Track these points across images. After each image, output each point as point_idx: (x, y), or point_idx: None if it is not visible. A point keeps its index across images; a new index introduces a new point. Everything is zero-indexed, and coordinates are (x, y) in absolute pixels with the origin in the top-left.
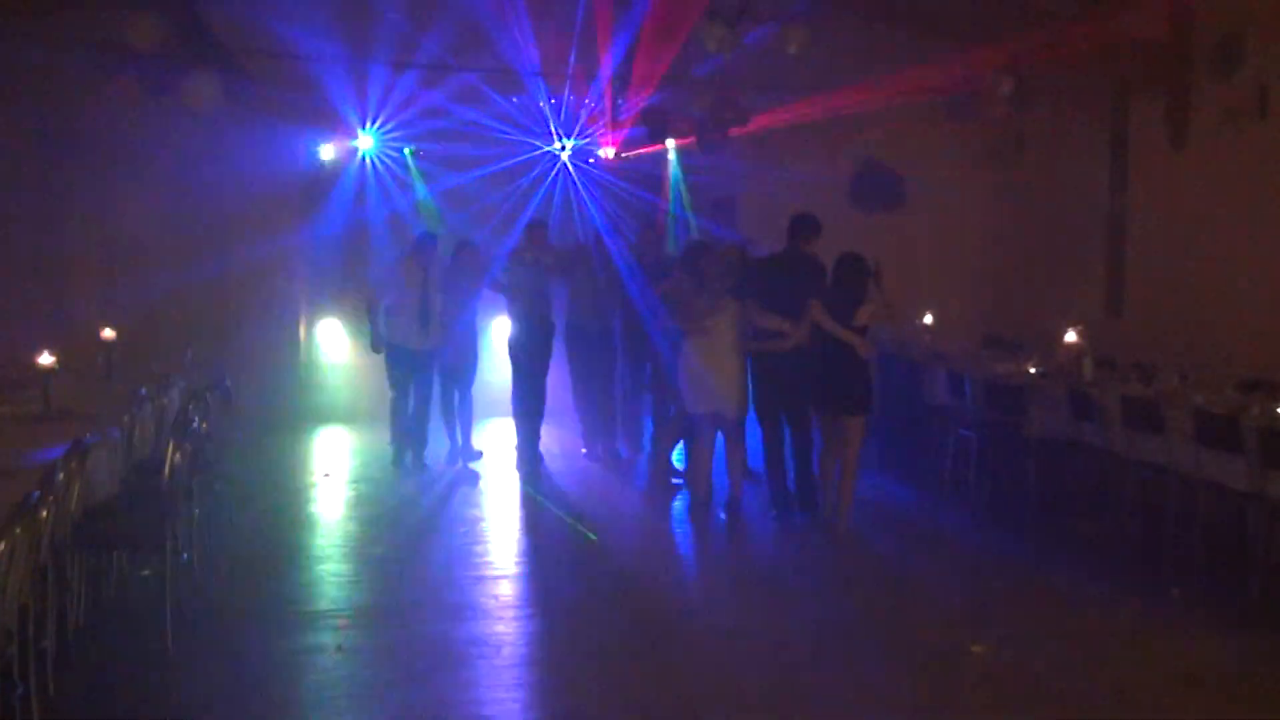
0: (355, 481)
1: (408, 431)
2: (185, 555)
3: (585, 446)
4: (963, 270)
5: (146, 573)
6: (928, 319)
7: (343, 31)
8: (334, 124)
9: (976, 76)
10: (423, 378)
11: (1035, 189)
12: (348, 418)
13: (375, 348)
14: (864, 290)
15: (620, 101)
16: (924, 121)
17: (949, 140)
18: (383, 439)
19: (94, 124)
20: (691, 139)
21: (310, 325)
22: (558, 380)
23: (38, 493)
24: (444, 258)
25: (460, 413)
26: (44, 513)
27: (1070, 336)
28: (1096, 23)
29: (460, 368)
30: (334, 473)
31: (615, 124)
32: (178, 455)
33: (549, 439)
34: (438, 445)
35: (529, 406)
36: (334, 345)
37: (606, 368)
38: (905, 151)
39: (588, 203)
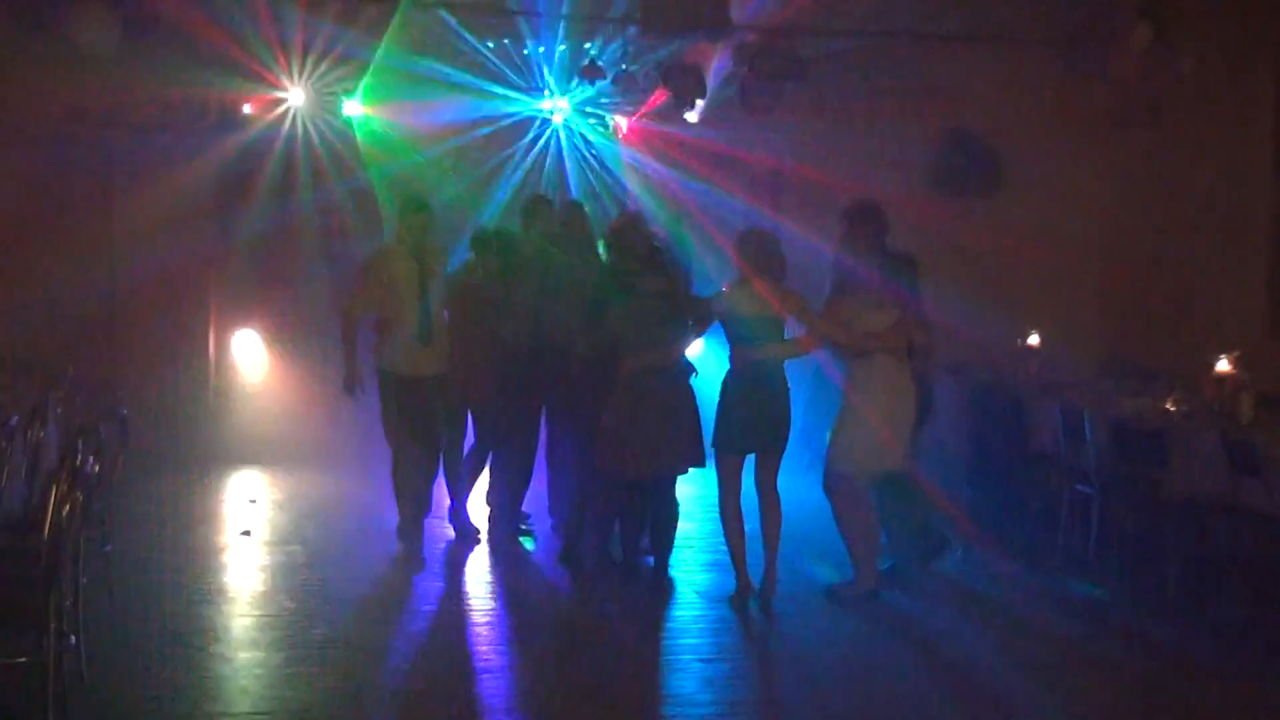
0: (283, 543)
1: (418, 496)
2: (72, 638)
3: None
4: (1079, 276)
5: (21, 660)
6: (1033, 340)
7: None
8: (258, 73)
9: (1101, 20)
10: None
11: (1176, 171)
12: (271, 458)
13: (350, 385)
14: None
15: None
16: (1030, 81)
17: (1063, 105)
18: (317, 485)
19: None
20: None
21: (222, 339)
22: None
23: None
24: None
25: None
26: None
27: (1223, 365)
28: None
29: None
30: (255, 530)
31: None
32: (65, 507)
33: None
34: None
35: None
36: (252, 364)
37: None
38: (1005, 120)
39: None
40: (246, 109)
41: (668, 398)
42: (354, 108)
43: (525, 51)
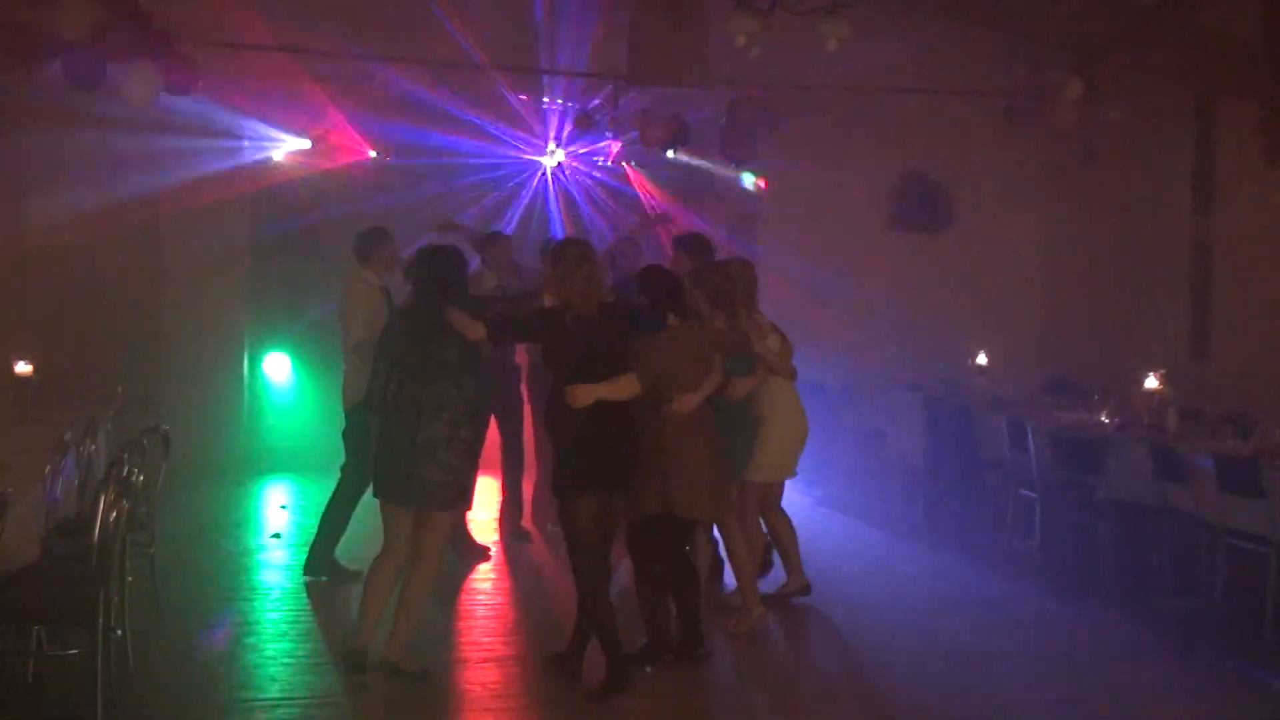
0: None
1: None
2: (119, 631)
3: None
4: (1022, 302)
5: (74, 651)
6: (981, 359)
7: (304, 19)
8: (291, 124)
9: (1040, 77)
10: None
11: (1107, 209)
12: (300, 466)
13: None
14: None
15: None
16: (978, 129)
17: (1007, 151)
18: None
19: (11, 120)
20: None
21: (255, 356)
22: None
23: None
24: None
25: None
26: None
27: (1150, 382)
28: (1179, 17)
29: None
30: (285, 533)
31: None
32: (112, 514)
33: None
34: None
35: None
36: (284, 380)
37: None
38: (955, 164)
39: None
40: (279, 156)
41: None
42: None
43: (522, 98)
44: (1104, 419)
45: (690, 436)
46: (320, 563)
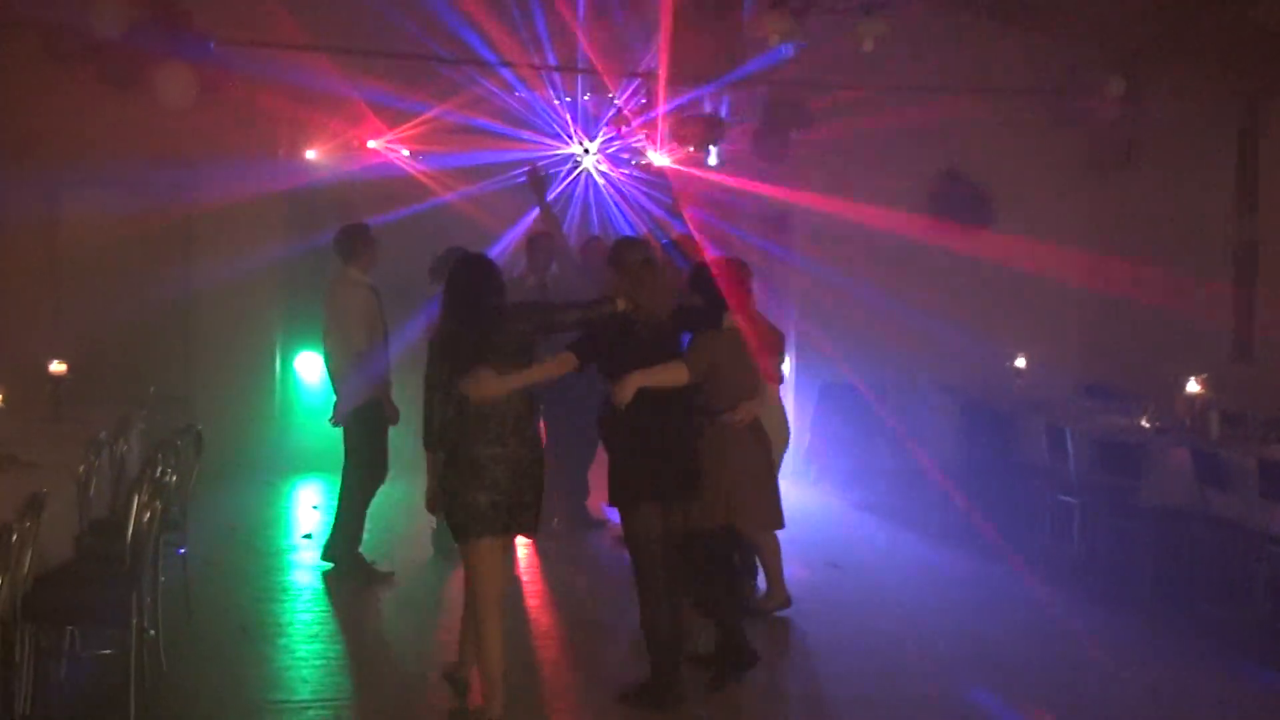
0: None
1: None
2: (151, 631)
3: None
4: (1061, 303)
5: (107, 652)
6: (1020, 361)
7: (340, 20)
8: (326, 123)
9: (1081, 74)
10: None
11: (1148, 208)
12: (332, 467)
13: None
14: None
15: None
16: (1017, 127)
17: (1046, 149)
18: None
19: (45, 120)
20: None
21: (288, 355)
22: None
23: None
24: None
25: None
26: None
27: (1192, 386)
28: (1224, 11)
29: None
30: (316, 534)
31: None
32: (145, 514)
33: None
34: None
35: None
36: (316, 379)
37: None
38: (994, 161)
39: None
40: (312, 154)
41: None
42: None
43: (555, 102)
44: (1145, 423)
45: (752, 447)
46: (346, 566)
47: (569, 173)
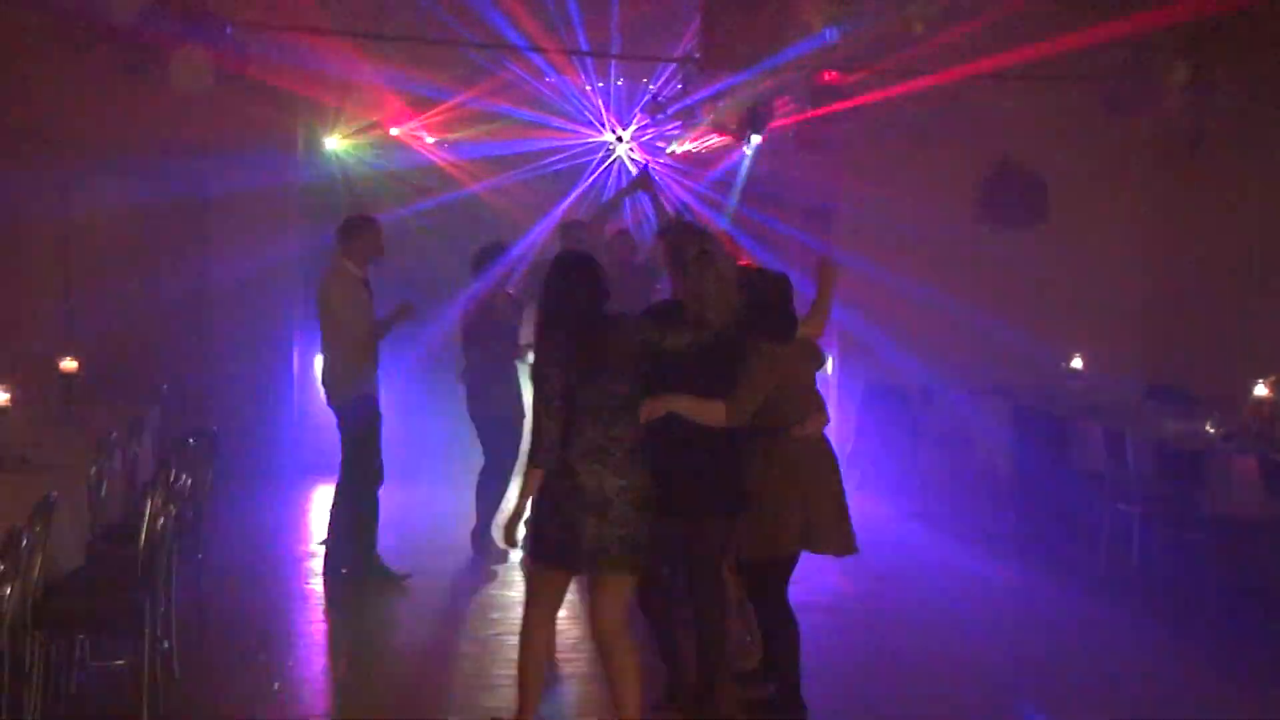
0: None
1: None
2: (165, 643)
3: None
4: (1121, 301)
5: (120, 662)
6: (1076, 362)
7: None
8: (347, 111)
9: (1143, 57)
10: None
11: (1215, 200)
12: None
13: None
14: None
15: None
16: (1075, 116)
17: (1106, 140)
18: (394, 497)
19: (56, 109)
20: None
21: (306, 354)
22: None
23: (0, 565)
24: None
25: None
26: (7, 589)
27: (1260, 390)
28: None
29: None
30: None
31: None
32: (159, 519)
33: None
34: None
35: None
36: None
37: None
38: (1049, 152)
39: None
40: (333, 143)
41: None
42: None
43: (586, 88)
44: (1209, 429)
45: (826, 464)
46: (365, 568)
47: (600, 162)
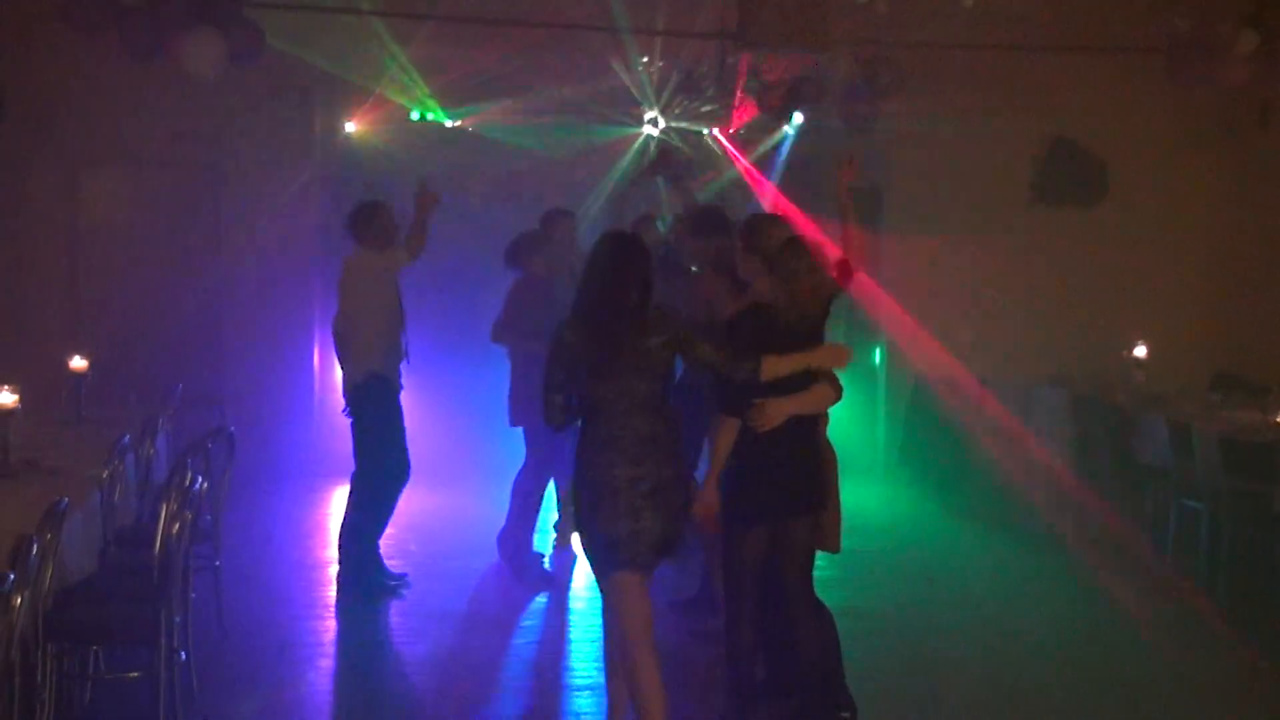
0: (385, 558)
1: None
2: (182, 654)
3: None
4: (1186, 286)
5: (135, 674)
6: (1140, 351)
7: None
8: (367, 94)
9: (1207, 26)
10: None
11: None
12: None
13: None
14: None
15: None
16: (1135, 87)
17: (1168, 112)
18: (418, 501)
19: (63, 94)
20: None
21: (327, 351)
22: None
23: (11, 574)
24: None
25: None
26: (17, 599)
27: None
28: None
29: None
30: None
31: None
32: (174, 524)
33: None
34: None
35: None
36: None
37: None
38: (1108, 127)
39: None
40: (351, 127)
41: None
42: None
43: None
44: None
45: (829, 456)
46: (361, 567)
47: (633, 143)
